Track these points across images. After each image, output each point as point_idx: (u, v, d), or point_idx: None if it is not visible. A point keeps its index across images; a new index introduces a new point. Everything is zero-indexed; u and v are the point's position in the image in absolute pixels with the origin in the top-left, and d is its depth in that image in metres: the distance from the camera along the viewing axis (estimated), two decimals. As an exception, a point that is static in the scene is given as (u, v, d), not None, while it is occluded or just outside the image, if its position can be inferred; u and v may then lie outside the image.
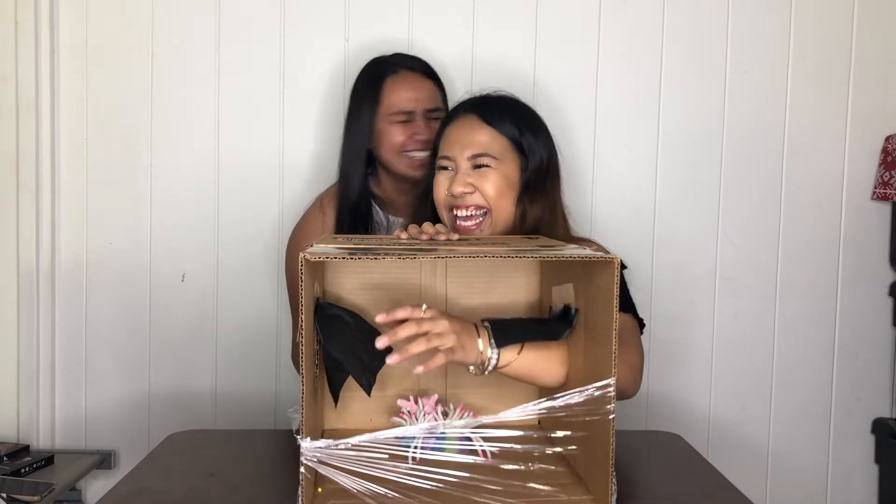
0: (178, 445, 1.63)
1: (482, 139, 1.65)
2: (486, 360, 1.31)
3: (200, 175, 2.31)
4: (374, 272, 1.49)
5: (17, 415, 2.31)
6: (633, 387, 1.53)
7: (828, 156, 2.37)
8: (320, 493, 1.24)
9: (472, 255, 1.22)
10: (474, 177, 1.63)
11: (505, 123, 1.67)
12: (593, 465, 1.26)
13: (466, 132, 1.67)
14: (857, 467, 2.43)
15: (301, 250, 1.20)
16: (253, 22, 2.29)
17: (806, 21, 2.33)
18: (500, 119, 1.67)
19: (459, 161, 1.65)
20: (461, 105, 1.75)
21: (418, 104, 2.01)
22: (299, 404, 1.17)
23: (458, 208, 1.64)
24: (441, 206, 1.68)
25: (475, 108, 1.70)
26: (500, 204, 1.64)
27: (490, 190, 1.62)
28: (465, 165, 1.64)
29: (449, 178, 1.66)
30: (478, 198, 1.63)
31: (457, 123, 1.70)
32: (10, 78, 2.25)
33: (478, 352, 1.31)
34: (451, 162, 1.66)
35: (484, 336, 1.32)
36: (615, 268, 1.16)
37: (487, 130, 1.66)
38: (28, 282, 2.29)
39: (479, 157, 1.64)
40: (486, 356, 1.31)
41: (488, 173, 1.63)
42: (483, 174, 1.63)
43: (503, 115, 1.68)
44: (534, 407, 1.26)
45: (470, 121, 1.68)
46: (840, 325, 2.40)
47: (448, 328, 1.27)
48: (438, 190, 1.68)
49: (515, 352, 1.33)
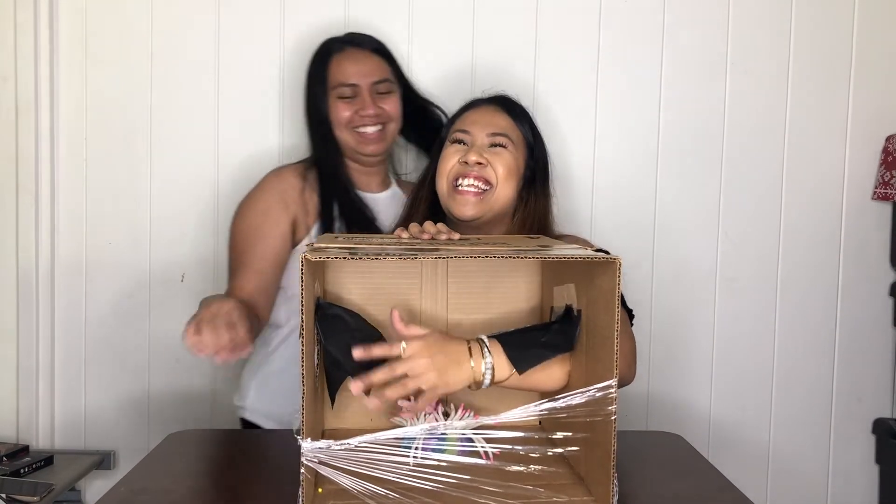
0: (177, 445, 1.63)
1: (502, 123, 1.75)
2: (480, 380, 1.30)
3: (200, 175, 2.30)
4: (375, 272, 1.49)
5: (16, 415, 2.31)
6: (629, 374, 1.55)
7: (828, 156, 2.37)
8: (320, 493, 1.24)
9: (474, 255, 1.22)
10: (489, 153, 1.70)
11: (523, 119, 1.79)
12: (594, 465, 1.26)
13: (489, 115, 1.77)
14: (858, 467, 2.43)
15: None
16: (252, 21, 2.29)
17: (806, 21, 2.33)
18: (519, 115, 1.79)
19: (477, 136, 1.73)
20: (483, 98, 1.84)
21: (362, 77, 1.96)
22: (300, 405, 1.16)
23: (466, 176, 1.69)
24: (445, 175, 1.73)
25: (497, 101, 1.82)
26: (505, 186, 1.71)
27: (501, 169, 1.70)
28: (482, 141, 1.72)
29: (462, 150, 1.72)
30: (488, 172, 1.69)
31: (478, 109, 1.80)
32: (10, 78, 2.25)
33: (467, 377, 1.29)
34: (469, 136, 1.74)
35: (477, 354, 1.30)
36: (616, 268, 1.16)
37: (508, 119, 1.77)
38: (27, 281, 2.28)
39: (498, 135, 1.73)
40: (480, 376, 1.30)
41: (503, 153, 1.71)
42: (497, 153, 1.71)
43: (522, 113, 1.80)
44: (535, 408, 1.25)
45: (493, 108, 1.79)
46: (840, 325, 2.40)
47: (427, 367, 1.26)
48: (448, 161, 1.73)
49: (508, 370, 1.32)
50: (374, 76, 1.98)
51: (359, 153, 1.99)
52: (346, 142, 1.97)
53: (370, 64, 2.00)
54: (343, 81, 1.96)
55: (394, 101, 2.01)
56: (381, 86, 1.99)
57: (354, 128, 1.96)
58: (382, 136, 1.99)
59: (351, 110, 1.95)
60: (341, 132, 1.97)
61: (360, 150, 1.97)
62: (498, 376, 1.31)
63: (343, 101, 1.95)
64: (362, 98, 1.95)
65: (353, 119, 1.95)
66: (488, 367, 1.30)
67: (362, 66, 1.98)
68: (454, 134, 1.76)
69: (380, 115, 1.96)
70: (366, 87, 1.96)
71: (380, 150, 2.00)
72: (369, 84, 1.97)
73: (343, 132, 1.97)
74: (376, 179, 2.08)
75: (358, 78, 1.96)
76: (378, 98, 1.97)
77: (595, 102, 2.33)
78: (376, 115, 1.96)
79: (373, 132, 1.96)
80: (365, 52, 2.02)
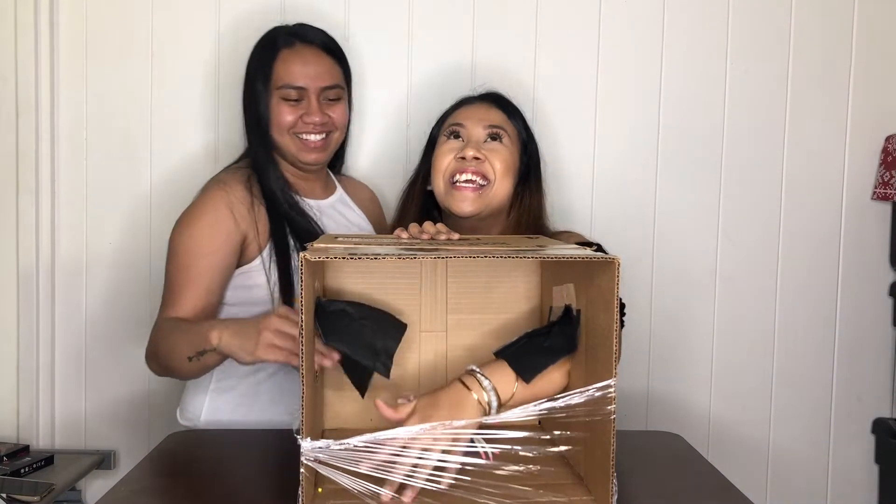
0: (178, 445, 1.63)
1: (497, 117, 1.76)
2: (487, 407, 1.30)
3: (200, 175, 2.29)
4: (375, 272, 1.50)
5: (16, 415, 2.31)
6: None
7: (828, 156, 2.37)
8: (320, 493, 1.24)
9: (473, 255, 1.22)
10: (486, 148, 1.71)
11: (516, 116, 1.80)
12: (594, 465, 1.26)
13: (483, 110, 1.77)
14: (858, 467, 2.43)
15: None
16: (253, 20, 2.28)
17: (806, 21, 2.33)
18: (512, 111, 1.80)
19: (472, 130, 1.73)
20: (476, 95, 1.85)
21: (311, 81, 1.80)
22: (299, 404, 1.17)
23: (463, 172, 1.69)
24: (441, 173, 1.72)
25: (490, 98, 1.82)
26: (503, 181, 1.71)
27: (498, 164, 1.70)
28: (479, 135, 1.73)
29: (458, 146, 1.72)
30: (486, 167, 1.70)
31: (473, 105, 1.80)
32: (10, 78, 2.25)
33: (475, 411, 1.28)
34: (464, 129, 1.74)
35: (473, 384, 1.30)
36: (616, 268, 1.16)
37: (502, 114, 1.77)
38: (28, 281, 2.28)
39: (495, 128, 1.73)
40: (486, 403, 1.30)
41: (499, 148, 1.72)
42: (494, 148, 1.71)
43: (514, 109, 1.81)
44: (534, 408, 1.25)
45: (487, 104, 1.79)
46: (840, 325, 2.39)
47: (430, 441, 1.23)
48: (444, 157, 1.73)
49: (511, 385, 1.32)
50: (324, 80, 1.83)
51: (298, 160, 1.85)
52: (286, 146, 1.83)
53: (321, 66, 1.84)
54: (289, 83, 1.80)
55: (342, 108, 1.87)
56: (331, 92, 1.84)
57: (297, 133, 1.82)
58: (325, 144, 1.85)
59: (295, 115, 1.80)
60: (281, 136, 1.82)
61: (300, 157, 1.84)
62: (503, 395, 1.30)
63: (287, 104, 1.80)
64: (309, 103, 1.81)
65: (295, 124, 1.81)
66: (490, 389, 1.30)
67: (312, 68, 1.82)
68: (448, 128, 1.76)
69: (325, 123, 1.82)
70: (314, 91, 1.81)
71: (321, 159, 1.87)
72: (318, 89, 1.81)
73: (283, 136, 1.82)
74: (319, 185, 1.96)
75: (306, 81, 1.81)
76: (325, 105, 1.83)
77: (595, 102, 2.33)
78: (322, 123, 1.81)
79: (316, 140, 1.82)
80: (316, 50, 1.85)
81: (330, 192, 1.99)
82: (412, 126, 2.30)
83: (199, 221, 1.75)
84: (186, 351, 1.56)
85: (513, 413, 1.26)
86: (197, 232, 1.74)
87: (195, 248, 1.73)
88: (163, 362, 1.67)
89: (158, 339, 1.67)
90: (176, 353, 1.59)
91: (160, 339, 1.67)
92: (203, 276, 1.71)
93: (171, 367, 1.64)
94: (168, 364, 1.65)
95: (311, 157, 1.84)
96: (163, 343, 1.65)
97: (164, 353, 1.65)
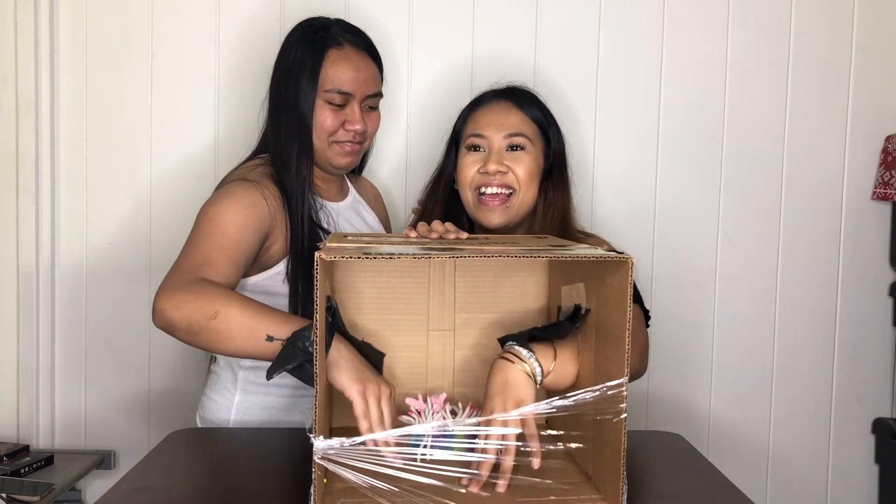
0: (178, 444, 1.62)
1: (516, 121, 1.75)
2: (532, 374, 1.30)
3: (200, 175, 2.30)
4: (383, 271, 1.50)
5: (16, 415, 2.30)
6: (642, 367, 1.60)
7: (828, 155, 2.38)
8: (327, 485, 1.23)
9: (487, 255, 1.22)
10: (509, 158, 1.71)
11: (534, 109, 1.78)
12: (602, 464, 1.27)
13: (501, 115, 1.75)
14: (858, 467, 2.44)
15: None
16: (253, 20, 2.28)
17: (806, 21, 2.34)
18: (529, 105, 1.78)
19: (493, 141, 1.73)
20: (490, 92, 1.83)
21: (358, 87, 1.75)
22: (312, 403, 1.16)
23: (488, 185, 1.71)
24: (467, 186, 1.74)
25: (506, 95, 1.80)
26: (528, 188, 1.73)
27: (522, 173, 1.71)
28: (500, 145, 1.73)
29: (481, 158, 1.73)
30: (510, 178, 1.71)
31: (488, 107, 1.78)
32: (10, 78, 2.24)
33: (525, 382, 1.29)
34: (484, 140, 1.73)
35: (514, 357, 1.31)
36: (629, 268, 1.16)
37: (520, 114, 1.76)
38: (28, 282, 2.28)
39: (515, 136, 1.73)
40: (531, 370, 1.30)
41: (522, 156, 1.72)
42: (517, 157, 1.72)
43: (532, 102, 1.79)
44: (545, 406, 1.25)
45: (503, 105, 1.77)
46: (840, 325, 2.40)
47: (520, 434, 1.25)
48: (467, 171, 1.74)
49: (550, 353, 1.33)
50: (370, 88, 1.78)
51: (330, 164, 1.80)
52: (322, 151, 1.77)
53: (369, 72, 1.79)
54: (339, 88, 1.73)
55: (378, 116, 1.85)
56: (373, 100, 1.80)
57: (335, 140, 1.77)
58: (359, 150, 1.82)
59: (337, 121, 1.75)
60: (319, 140, 1.76)
61: (334, 162, 1.79)
62: (545, 364, 1.31)
63: (330, 108, 1.74)
64: (352, 110, 1.76)
65: (336, 130, 1.76)
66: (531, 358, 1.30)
67: (361, 74, 1.76)
68: (469, 139, 1.76)
69: (364, 132, 1.78)
70: (359, 98, 1.76)
71: (351, 165, 1.84)
72: (363, 96, 1.77)
73: (321, 141, 1.76)
74: (335, 186, 1.91)
75: (354, 87, 1.75)
76: (365, 112, 1.78)
77: (595, 102, 2.33)
78: (362, 132, 1.78)
79: (351, 147, 1.78)
80: (363, 54, 1.79)
81: (345, 193, 1.95)
82: (412, 126, 2.31)
83: (238, 200, 1.65)
84: (272, 329, 1.36)
85: (521, 411, 1.26)
86: (235, 209, 1.63)
87: (233, 222, 1.61)
88: (211, 324, 1.40)
89: (215, 297, 1.42)
90: (249, 325, 1.39)
91: (218, 298, 1.42)
92: (236, 253, 1.58)
93: (225, 332, 1.40)
94: (222, 329, 1.40)
95: (345, 162, 1.80)
96: (226, 308, 1.41)
97: (223, 316, 1.40)
